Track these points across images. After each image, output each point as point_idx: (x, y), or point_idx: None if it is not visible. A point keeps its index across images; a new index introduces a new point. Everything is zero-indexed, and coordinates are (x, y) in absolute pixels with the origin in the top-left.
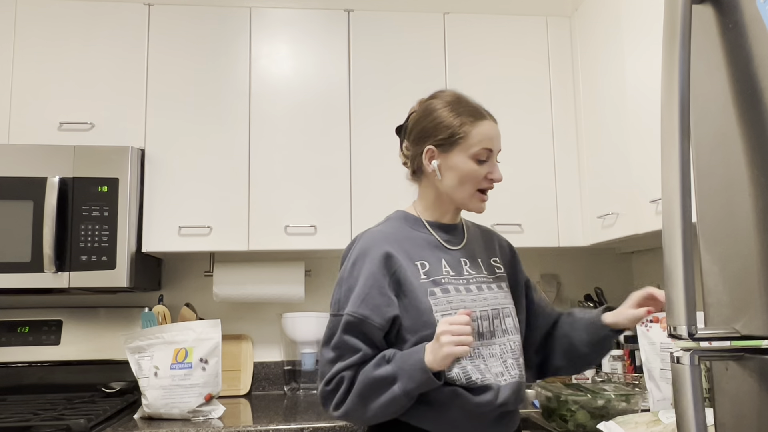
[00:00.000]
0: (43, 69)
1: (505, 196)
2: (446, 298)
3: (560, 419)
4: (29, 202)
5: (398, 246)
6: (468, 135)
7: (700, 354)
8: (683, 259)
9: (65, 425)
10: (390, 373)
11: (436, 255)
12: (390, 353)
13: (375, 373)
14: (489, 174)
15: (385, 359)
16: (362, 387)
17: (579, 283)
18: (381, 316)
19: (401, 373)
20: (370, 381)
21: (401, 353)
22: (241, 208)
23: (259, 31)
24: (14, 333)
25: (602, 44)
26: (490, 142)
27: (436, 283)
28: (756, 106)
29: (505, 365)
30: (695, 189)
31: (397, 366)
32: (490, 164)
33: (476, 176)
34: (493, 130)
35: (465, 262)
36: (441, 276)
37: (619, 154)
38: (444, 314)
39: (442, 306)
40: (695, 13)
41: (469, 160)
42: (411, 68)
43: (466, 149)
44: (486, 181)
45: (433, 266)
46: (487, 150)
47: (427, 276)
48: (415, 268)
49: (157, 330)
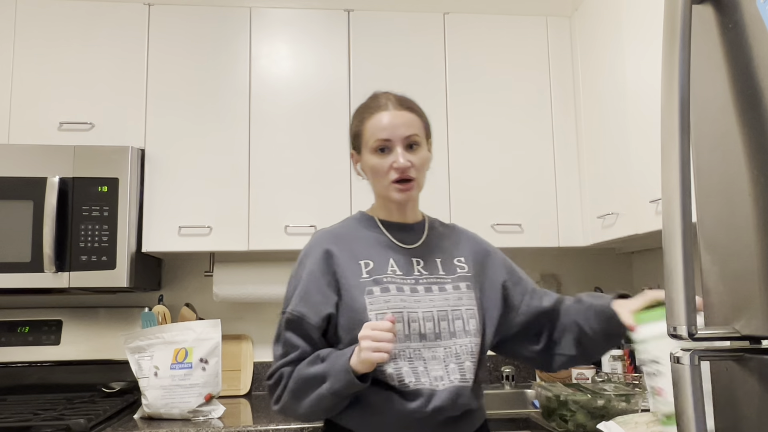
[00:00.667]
0: (43, 69)
1: (505, 197)
2: (384, 297)
3: (560, 419)
4: (29, 202)
5: (344, 245)
6: (364, 131)
7: (700, 354)
8: (683, 259)
9: (65, 425)
10: (320, 372)
11: (384, 254)
12: (325, 352)
13: (308, 371)
14: (393, 163)
15: (320, 358)
16: (296, 384)
17: (579, 283)
18: (317, 314)
19: (330, 372)
20: (302, 379)
21: (335, 353)
22: (241, 208)
23: (259, 31)
24: (14, 333)
25: (602, 44)
26: (382, 132)
27: (377, 282)
28: (756, 106)
29: (447, 369)
30: (695, 189)
31: (328, 365)
32: (394, 153)
33: (381, 168)
34: (387, 120)
35: (418, 262)
36: (384, 275)
37: (619, 154)
38: (379, 313)
39: (378, 305)
40: (695, 13)
41: (372, 155)
42: (411, 68)
43: (367, 145)
44: (393, 170)
45: (378, 265)
46: (382, 141)
47: (370, 275)
48: (358, 267)
49: (157, 330)
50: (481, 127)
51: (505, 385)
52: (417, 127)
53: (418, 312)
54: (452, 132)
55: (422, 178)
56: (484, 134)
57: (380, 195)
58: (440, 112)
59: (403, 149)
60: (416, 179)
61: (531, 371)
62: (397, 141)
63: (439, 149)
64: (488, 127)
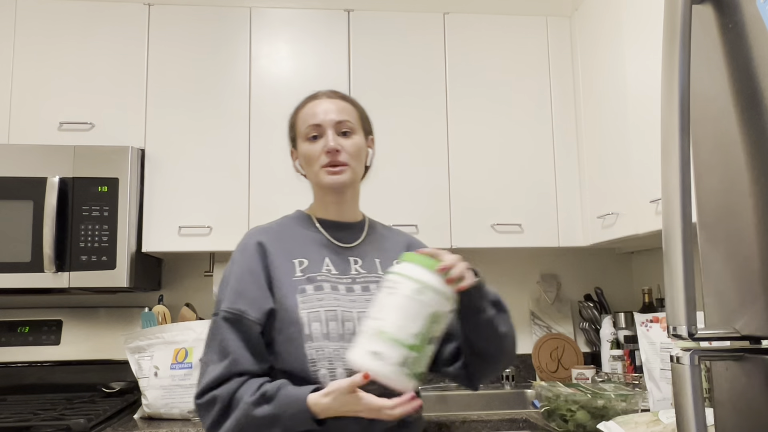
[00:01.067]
0: (43, 69)
1: (505, 197)
2: (317, 296)
3: (560, 419)
4: (29, 202)
5: (279, 243)
6: (297, 121)
7: (700, 354)
8: (683, 259)
9: (65, 425)
10: (269, 414)
11: (319, 252)
12: (271, 390)
13: (255, 412)
14: (324, 147)
15: (265, 398)
16: (242, 425)
17: (579, 283)
18: (258, 309)
19: (282, 417)
20: (250, 419)
21: (282, 392)
22: (241, 208)
23: (259, 30)
24: (14, 333)
25: (602, 44)
26: (313, 117)
27: (310, 280)
28: (756, 106)
29: None
30: (695, 189)
31: (278, 409)
32: (325, 138)
33: (313, 154)
34: (318, 107)
35: (356, 261)
36: (318, 273)
37: (619, 154)
38: (311, 312)
39: (311, 304)
40: (695, 13)
41: (304, 143)
42: (411, 68)
43: (300, 134)
44: (325, 155)
45: (313, 263)
46: (313, 126)
47: (303, 273)
48: (291, 266)
49: (157, 330)
50: (481, 127)
51: (505, 385)
52: (350, 114)
53: (353, 312)
54: (452, 132)
55: (358, 167)
56: (484, 134)
57: (315, 185)
58: (440, 112)
59: (334, 134)
60: (350, 165)
61: (531, 371)
62: (328, 126)
63: (439, 149)
64: (488, 127)
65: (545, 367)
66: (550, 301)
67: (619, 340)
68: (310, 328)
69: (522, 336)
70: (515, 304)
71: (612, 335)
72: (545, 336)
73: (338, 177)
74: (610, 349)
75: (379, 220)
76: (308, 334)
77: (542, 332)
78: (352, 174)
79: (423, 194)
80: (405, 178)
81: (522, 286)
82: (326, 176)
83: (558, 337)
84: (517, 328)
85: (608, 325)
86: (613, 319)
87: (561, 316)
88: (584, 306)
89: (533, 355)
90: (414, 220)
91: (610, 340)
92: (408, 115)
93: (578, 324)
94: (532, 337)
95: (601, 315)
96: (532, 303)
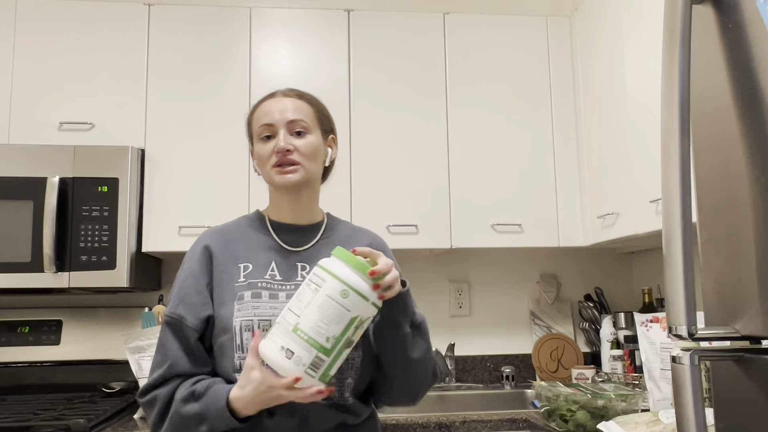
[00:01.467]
0: (43, 69)
1: (505, 197)
2: (252, 304)
3: (560, 419)
4: (29, 202)
5: (227, 246)
6: (252, 120)
7: (700, 354)
8: (683, 259)
9: (65, 425)
10: (196, 413)
11: (266, 257)
12: (201, 388)
13: (184, 409)
14: (275, 147)
15: (194, 395)
16: (173, 422)
17: (579, 283)
18: (196, 316)
19: (207, 415)
20: (179, 417)
21: (210, 391)
22: (241, 208)
23: (259, 30)
24: (14, 333)
25: (602, 44)
26: (266, 117)
27: (250, 286)
28: (756, 106)
29: None
30: (695, 189)
31: (203, 406)
32: (277, 138)
33: (264, 154)
34: (272, 105)
35: (303, 267)
36: (260, 280)
37: (619, 154)
38: (245, 320)
39: (245, 311)
40: (695, 13)
41: (258, 143)
42: (411, 68)
43: (254, 134)
44: (275, 155)
45: (257, 269)
46: (265, 126)
47: (245, 279)
48: (236, 270)
49: (157, 330)
50: (481, 126)
51: (505, 385)
52: (305, 113)
53: None
54: (452, 132)
55: (313, 167)
56: (484, 134)
57: (269, 185)
58: (440, 112)
59: (286, 133)
60: (302, 165)
61: (531, 371)
62: (280, 125)
63: (439, 149)
64: (488, 127)
65: (545, 367)
66: (550, 301)
67: (619, 340)
68: (241, 338)
69: (522, 336)
70: (515, 304)
71: (612, 335)
72: (545, 336)
73: (289, 176)
74: (610, 349)
75: (378, 220)
76: (239, 344)
77: (542, 332)
78: (304, 174)
79: (423, 194)
80: (405, 178)
81: (522, 286)
82: (276, 176)
83: (558, 337)
84: (517, 328)
85: (608, 325)
86: (613, 319)
87: (561, 316)
88: (584, 306)
89: (533, 355)
90: (414, 220)
91: (610, 340)
92: (408, 115)
93: (578, 324)
94: (532, 337)
95: (601, 315)
96: (532, 303)
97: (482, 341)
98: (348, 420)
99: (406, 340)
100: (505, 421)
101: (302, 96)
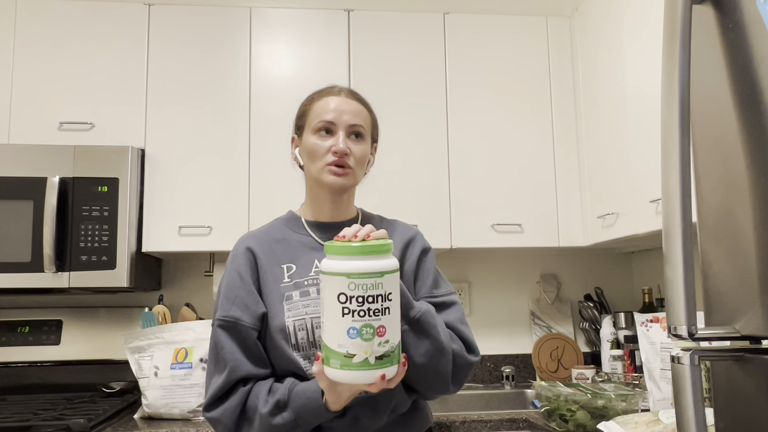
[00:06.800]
0: (43, 69)
1: (505, 197)
2: (303, 303)
3: (560, 419)
4: (29, 202)
5: (268, 248)
6: (309, 111)
7: (700, 354)
8: (683, 259)
9: (65, 425)
10: (289, 421)
11: (308, 256)
12: (283, 396)
13: (274, 422)
14: (333, 146)
15: (279, 406)
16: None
17: (579, 283)
18: (252, 315)
19: (301, 419)
20: (271, 430)
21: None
22: (242, 208)
23: (259, 31)
24: (14, 333)
25: (602, 44)
26: (328, 114)
27: (297, 286)
28: (756, 106)
29: None
30: (695, 189)
31: (295, 414)
32: (336, 137)
33: (319, 150)
34: (335, 104)
35: None
36: (305, 278)
37: (619, 154)
38: (297, 319)
39: (296, 311)
40: (695, 13)
41: (312, 135)
42: (411, 68)
43: (310, 126)
44: (331, 153)
45: (301, 268)
46: (326, 122)
47: (291, 279)
48: (280, 271)
49: (157, 330)
50: (481, 126)
51: (505, 385)
52: (364, 119)
53: None
54: (452, 132)
55: (359, 173)
56: (484, 134)
57: (313, 181)
58: (440, 112)
59: (345, 136)
60: (354, 170)
61: (531, 371)
62: (341, 126)
63: (439, 149)
64: (488, 127)
65: (545, 367)
66: (550, 301)
67: (619, 340)
68: (296, 338)
69: (522, 336)
70: (515, 304)
71: (612, 335)
72: (545, 336)
73: (340, 179)
74: (610, 349)
75: None
76: (295, 344)
77: (542, 332)
78: (353, 178)
79: (423, 194)
80: (405, 177)
81: (522, 286)
82: (329, 175)
83: (558, 337)
84: (517, 328)
85: (608, 325)
86: (613, 319)
87: (561, 316)
88: (584, 306)
89: (533, 355)
90: (414, 219)
91: (610, 340)
92: (408, 115)
93: (578, 324)
94: (532, 337)
95: (601, 315)
96: (532, 303)
97: (482, 341)
98: (398, 409)
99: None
100: (505, 421)
101: (363, 101)
